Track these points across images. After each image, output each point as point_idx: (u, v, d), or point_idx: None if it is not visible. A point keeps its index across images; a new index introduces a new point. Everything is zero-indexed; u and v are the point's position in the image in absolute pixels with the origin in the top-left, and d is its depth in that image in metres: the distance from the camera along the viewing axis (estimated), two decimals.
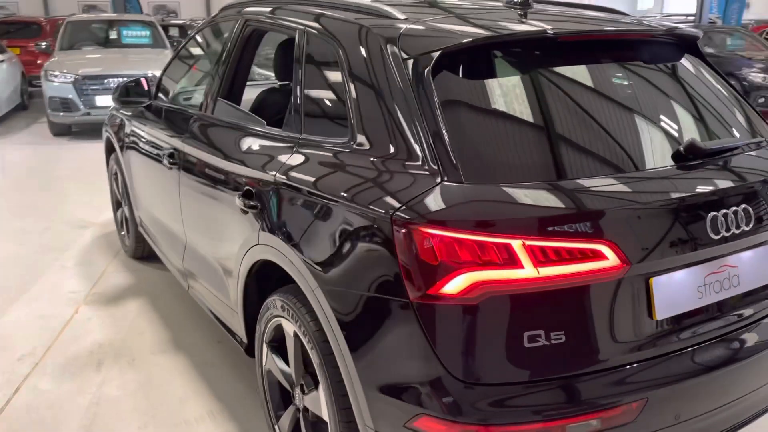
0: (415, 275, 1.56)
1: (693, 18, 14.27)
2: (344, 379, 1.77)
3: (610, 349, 1.61)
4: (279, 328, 2.19)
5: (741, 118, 2.09)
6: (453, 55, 1.77)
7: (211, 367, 3.03)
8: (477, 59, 1.80)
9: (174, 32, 14.79)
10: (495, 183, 1.59)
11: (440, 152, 1.63)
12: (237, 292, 2.41)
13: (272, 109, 2.73)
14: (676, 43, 2.14)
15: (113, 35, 10.23)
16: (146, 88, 3.44)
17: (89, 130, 9.01)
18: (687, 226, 1.65)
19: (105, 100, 8.58)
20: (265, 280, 2.33)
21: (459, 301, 1.53)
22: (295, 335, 2.05)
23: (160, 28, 10.44)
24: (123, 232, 4.41)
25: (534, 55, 1.85)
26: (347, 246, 1.74)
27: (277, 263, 2.04)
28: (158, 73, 9.14)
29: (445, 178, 1.60)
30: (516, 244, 1.51)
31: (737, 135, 2.01)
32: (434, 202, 1.58)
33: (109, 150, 4.42)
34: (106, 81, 8.63)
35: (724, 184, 1.75)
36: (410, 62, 1.80)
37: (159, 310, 3.61)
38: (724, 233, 1.69)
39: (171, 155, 2.97)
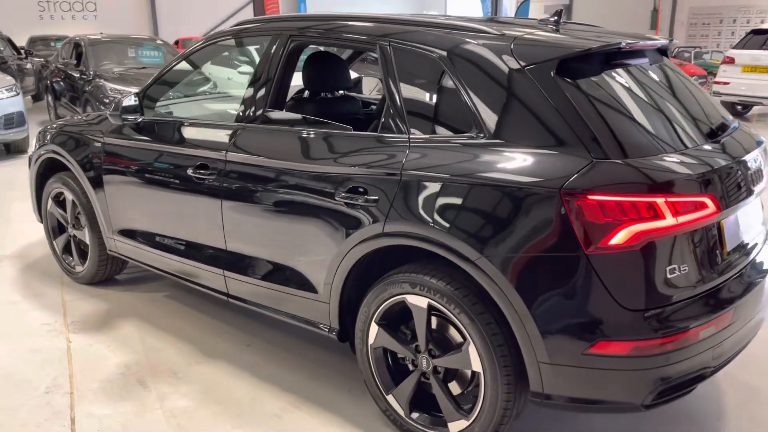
0: (588, 233, 2.01)
1: None
2: (515, 328, 2.15)
3: (711, 274, 2.20)
4: (397, 306, 2.48)
5: (712, 103, 2.81)
6: (566, 61, 2.24)
7: (258, 367, 3.15)
8: (578, 63, 2.29)
9: None
10: (632, 157, 2.09)
11: (587, 137, 2.10)
12: (333, 284, 2.63)
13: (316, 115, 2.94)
14: (660, 50, 2.81)
15: None
16: (139, 104, 3.41)
17: None
18: (739, 181, 2.30)
19: None
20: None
21: (625, 249, 2.01)
22: (429, 307, 2.37)
23: None
24: (70, 259, 4.18)
25: (609, 59, 2.39)
26: (514, 218, 2.12)
27: (416, 246, 2.35)
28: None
29: (596, 157, 2.07)
30: (660, 201, 2.03)
31: (725, 116, 2.73)
32: (595, 175, 2.04)
33: (44, 173, 4.19)
34: None
35: (748, 149, 2.44)
36: (530, 68, 2.24)
37: (161, 328, 3.57)
38: (756, 186, 2.38)
39: (202, 167, 3.05)
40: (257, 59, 3.35)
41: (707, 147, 2.35)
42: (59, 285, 4.18)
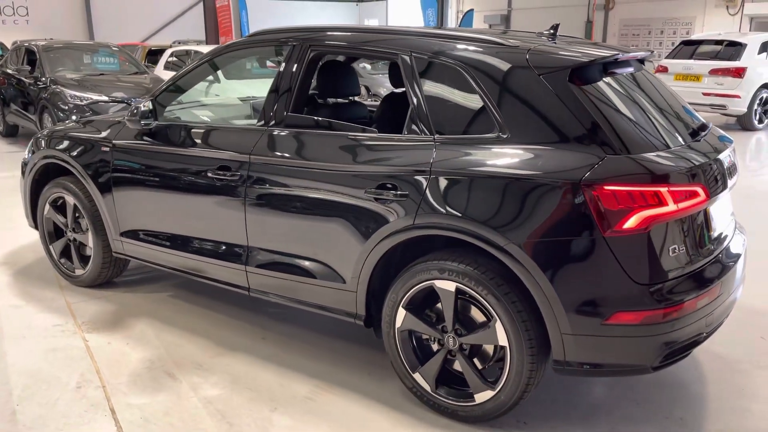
0: (605, 219, 2.33)
1: None
2: (540, 305, 2.44)
3: (702, 253, 2.56)
4: (422, 291, 2.73)
5: (687, 106, 3.20)
6: (577, 68, 2.56)
7: (278, 357, 3.33)
8: (585, 71, 2.61)
9: None
10: (639, 153, 2.42)
11: (599, 136, 2.42)
12: (362, 274, 2.86)
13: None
14: (640, 60, 3.18)
15: None
16: (153, 109, 3.55)
17: None
18: (719, 174, 2.67)
19: None
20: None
21: (636, 231, 2.34)
22: (457, 290, 2.64)
23: None
24: (69, 263, 4.24)
25: (608, 67, 2.72)
26: (538, 207, 2.41)
27: (444, 235, 2.61)
28: None
29: (609, 153, 2.39)
30: (663, 190, 2.36)
31: (700, 118, 3.11)
32: (609, 169, 2.36)
33: (38, 180, 4.25)
34: None
35: (723, 147, 2.82)
36: (546, 76, 2.55)
37: (174, 325, 3.70)
38: (730, 179, 2.75)
39: (224, 168, 3.23)
40: (256, 67, 3.53)
41: (692, 144, 2.71)
42: (58, 288, 4.23)
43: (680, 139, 2.70)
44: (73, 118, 8.29)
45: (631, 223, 2.34)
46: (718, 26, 16.78)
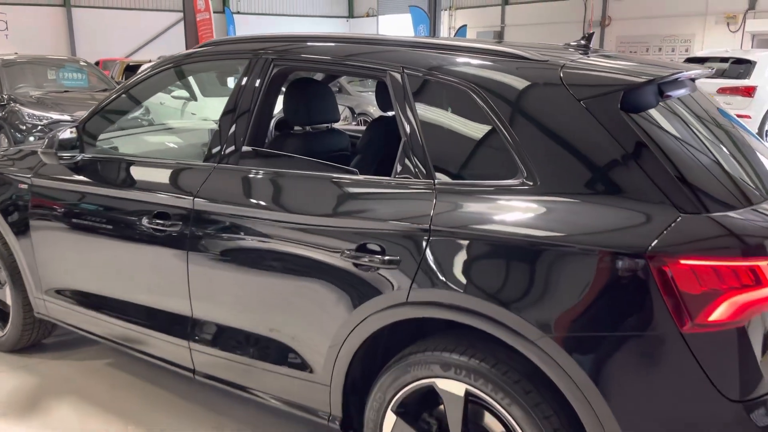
0: (683, 306, 1.61)
1: None
2: (587, 426, 1.72)
3: None
4: (421, 391, 2.01)
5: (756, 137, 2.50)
6: (630, 91, 1.86)
7: None
8: (638, 95, 1.90)
9: None
10: (719, 211, 1.71)
11: (669, 187, 1.71)
12: (337, 363, 2.14)
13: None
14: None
15: None
16: (79, 138, 2.82)
17: None
18: None
19: None
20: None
21: (728, 325, 1.62)
22: (467, 394, 1.91)
23: None
24: None
25: (662, 91, 2.02)
26: (585, 288, 1.70)
27: (447, 319, 1.90)
28: None
29: (683, 210, 1.68)
30: (763, 264, 1.65)
31: None
32: (687, 233, 1.65)
33: None
34: None
35: None
36: (588, 101, 1.85)
37: (105, 407, 2.94)
38: None
39: (162, 216, 2.50)
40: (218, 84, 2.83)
41: None
42: None
43: (761, 188, 1.99)
44: (31, 139, 7.57)
45: (720, 312, 1.62)
46: (719, 43, 16.25)
